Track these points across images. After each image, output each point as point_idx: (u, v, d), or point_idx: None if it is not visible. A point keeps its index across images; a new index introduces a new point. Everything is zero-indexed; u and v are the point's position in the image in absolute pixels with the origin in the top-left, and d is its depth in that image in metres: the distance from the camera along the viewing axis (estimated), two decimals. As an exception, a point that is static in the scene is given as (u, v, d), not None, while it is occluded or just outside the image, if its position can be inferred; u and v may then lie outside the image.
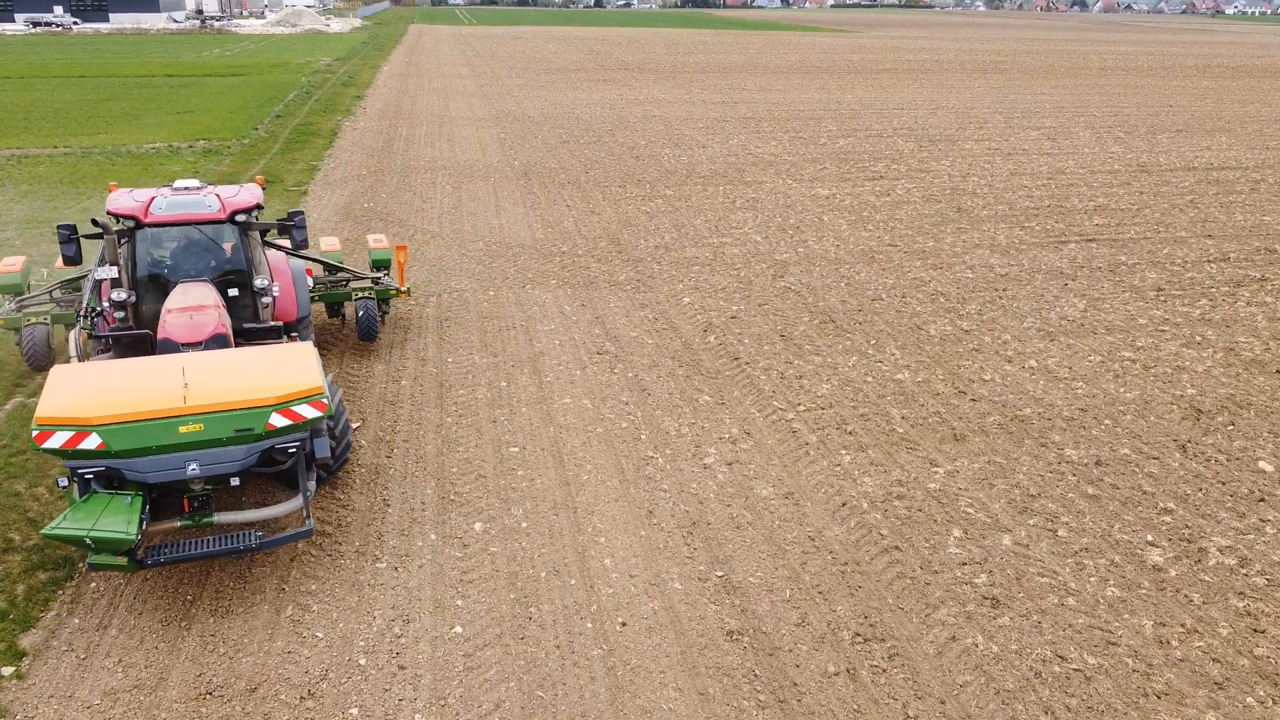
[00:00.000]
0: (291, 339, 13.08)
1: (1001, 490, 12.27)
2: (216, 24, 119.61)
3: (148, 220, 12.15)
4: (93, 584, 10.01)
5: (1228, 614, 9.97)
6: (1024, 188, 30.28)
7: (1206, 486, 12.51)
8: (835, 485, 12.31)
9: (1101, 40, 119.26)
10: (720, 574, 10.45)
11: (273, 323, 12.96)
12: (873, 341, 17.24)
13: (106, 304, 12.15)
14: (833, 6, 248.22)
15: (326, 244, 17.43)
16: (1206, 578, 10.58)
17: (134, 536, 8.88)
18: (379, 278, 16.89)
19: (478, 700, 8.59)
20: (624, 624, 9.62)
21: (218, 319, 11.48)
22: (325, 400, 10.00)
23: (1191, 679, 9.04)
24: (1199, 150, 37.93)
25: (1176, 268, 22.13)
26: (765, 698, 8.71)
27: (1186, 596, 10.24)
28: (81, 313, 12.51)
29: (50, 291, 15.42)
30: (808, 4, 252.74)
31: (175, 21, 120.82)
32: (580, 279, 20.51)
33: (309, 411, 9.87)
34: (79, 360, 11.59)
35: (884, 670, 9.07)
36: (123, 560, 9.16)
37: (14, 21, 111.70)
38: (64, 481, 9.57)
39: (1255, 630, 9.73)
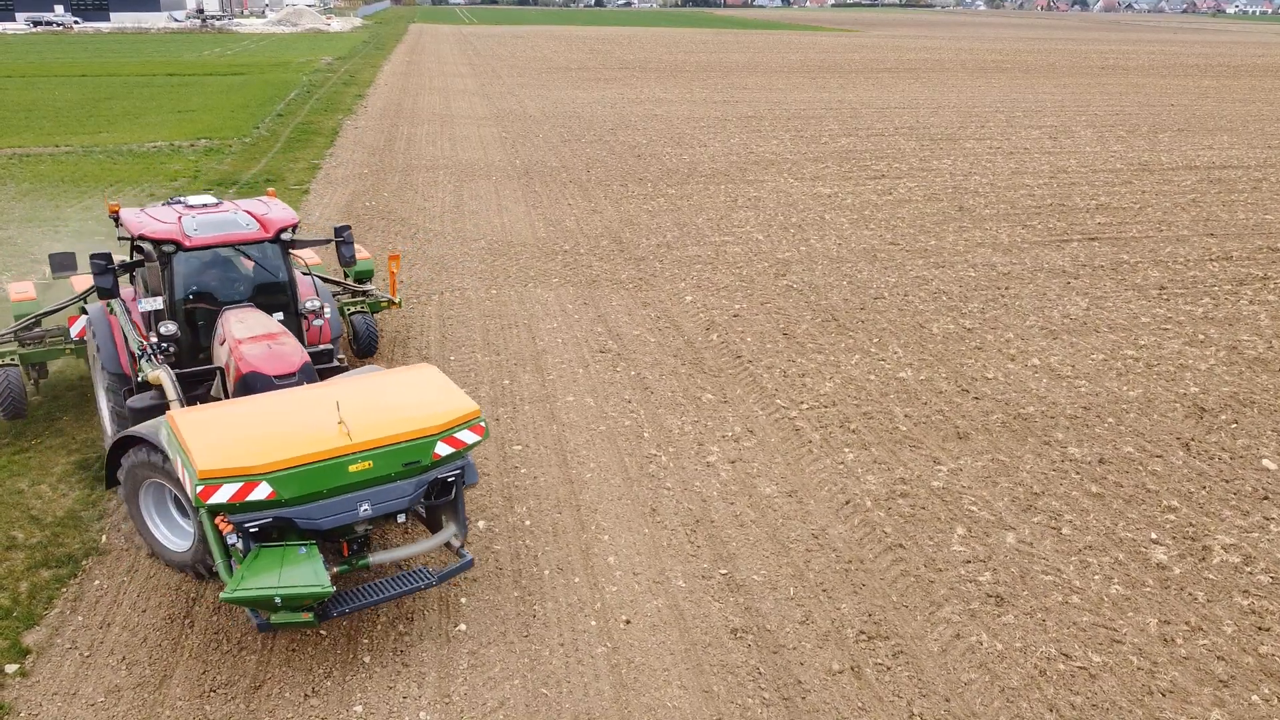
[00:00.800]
0: (339, 362, 12.11)
1: (1005, 488, 12.26)
2: (217, 23, 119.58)
3: (190, 244, 10.92)
4: (96, 582, 10.01)
5: (1232, 612, 9.96)
6: (1026, 186, 30.26)
7: (1210, 484, 12.50)
8: (838, 483, 12.30)
9: (1102, 39, 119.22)
10: (724, 572, 10.44)
11: (325, 346, 12.10)
12: (875, 340, 17.23)
13: (154, 338, 10.89)
14: (833, 6, 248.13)
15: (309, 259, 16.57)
16: (1211, 576, 10.57)
17: (331, 587, 8.24)
18: (369, 290, 16.17)
19: (482, 698, 8.58)
20: (628, 621, 9.62)
21: (299, 347, 10.63)
22: (483, 424, 9.53)
23: (1196, 677, 9.03)
24: (1201, 149, 37.91)
25: (1179, 266, 22.11)
26: (769, 695, 8.70)
27: (1191, 594, 10.23)
28: (144, 350, 10.92)
29: (15, 331, 13.51)
30: (808, 3, 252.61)
31: (176, 21, 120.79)
32: (582, 277, 20.50)
33: (469, 437, 9.37)
34: (180, 402, 10.08)
35: (888, 668, 9.07)
36: (308, 616, 8.42)
37: (15, 21, 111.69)
38: (234, 539, 8.46)
39: (1260, 628, 9.72)
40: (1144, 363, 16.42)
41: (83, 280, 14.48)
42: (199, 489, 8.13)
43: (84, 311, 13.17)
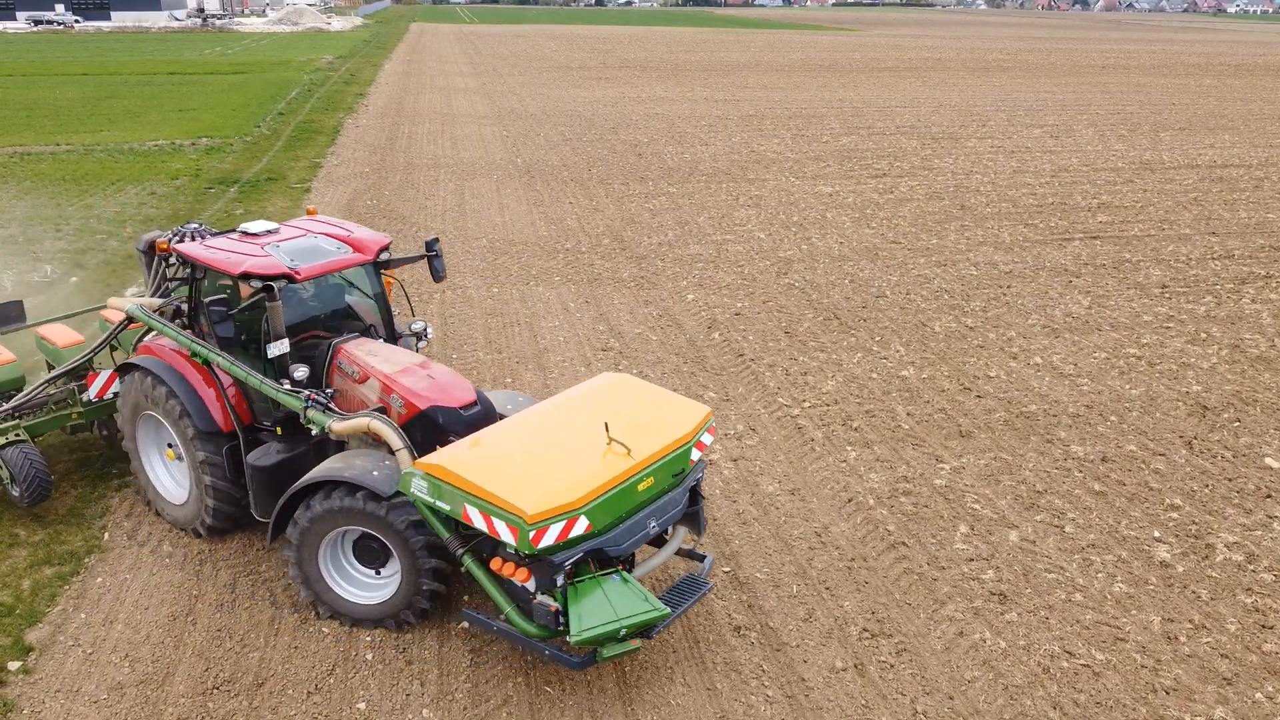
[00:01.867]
0: None
1: (1008, 486, 12.25)
2: (218, 22, 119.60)
3: (302, 276, 9.80)
4: (98, 579, 10.00)
5: (1236, 610, 9.95)
6: (1027, 185, 30.24)
7: (1213, 483, 12.49)
8: (841, 481, 12.29)
9: (1103, 39, 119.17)
10: (727, 569, 10.43)
11: None
12: (877, 338, 17.22)
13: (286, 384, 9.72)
14: (834, 5, 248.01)
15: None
16: (1214, 574, 10.56)
17: (667, 609, 8.16)
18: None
19: (485, 695, 8.57)
20: (631, 619, 9.60)
21: (453, 370, 10.31)
22: (714, 424, 9.58)
23: (1200, 675, 9.03)
24: (1202, 148, 37.88)
25: (1181, 265, 22.10)
26: (773, 693, 8.69)
27: (1194, 592, 10.22)
28: (310, 400, 9.47)
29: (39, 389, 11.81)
30: (809, 2, 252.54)
31: (176, 20, 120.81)
32: (584, 276, 20.49)
33: (707, 438, 9.35)
34: (409, 450, 8.88)
35: (891, 666, 9.06)
36: (636, 643, 8.26)
37: (15, 20, 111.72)
38: (560, 580, 8.06)
39: (1264, 626, 9.71)
40: (1146, 361, 16.40)
41: (62, 331, 12.59)
42: (531, 534, 7.68)
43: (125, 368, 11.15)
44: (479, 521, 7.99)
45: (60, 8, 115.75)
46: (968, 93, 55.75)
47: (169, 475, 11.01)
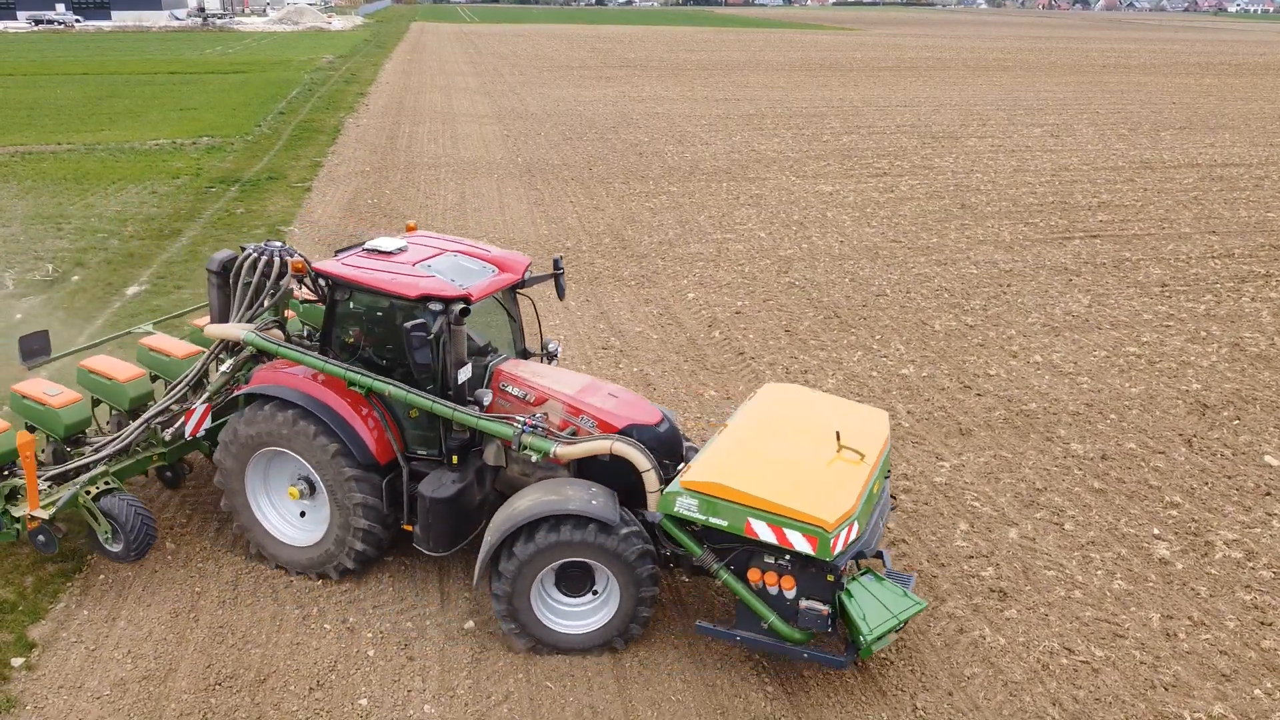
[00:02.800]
0: None
1: (1008, 484, 12.27)
2: (218, 21, 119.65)
3: (476, 298, 9.38)
4: (101, 576, 10.03)
5: (1235, 607, 9.98)
6: (1027, 184, 30.26)
7: (1212, 480, 12.52)
8: (841, 479, 12.29)
9: (1104, 38, 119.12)
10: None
11: None
12: (877, 337, 17.25)
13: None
14: (834, 4, 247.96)
15: None
16: (1213, 571, 10.59)
17: (924, 601, 8.61)
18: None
19: (486, 691, 8.60)
20: (632, 616, 9.62)
21: (622, 387, 10.25)
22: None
23: (1199, 671, 9.05)
24: (1202, 147, 37.90)
25: (1181, 263, 22.12)
26: (772, 689, 8.72)
27: (1193, 590, 10.24)
28: (530, 426, 9.18)
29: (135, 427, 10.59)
30: (809, 2, 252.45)
31: (177, 19, 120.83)
32: (585, 275, 20.52)
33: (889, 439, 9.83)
34: (655, 472, 8.92)
35: (891, 662, 9.08)
36: (894, 635, 8.55)
37: (16, 19, 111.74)
38: (831, 584, 8.27)
39: (1262, 623, 9.74)
40: (1146, 359, 16.43)
41: (110, 361, 11.36)
42: (831, 541, 7.93)
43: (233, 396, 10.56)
44: (766, 534, 8.11)
45: (61, 7, 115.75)
46: (968, 92, 55.76)
47: (282, 517, 10.11)
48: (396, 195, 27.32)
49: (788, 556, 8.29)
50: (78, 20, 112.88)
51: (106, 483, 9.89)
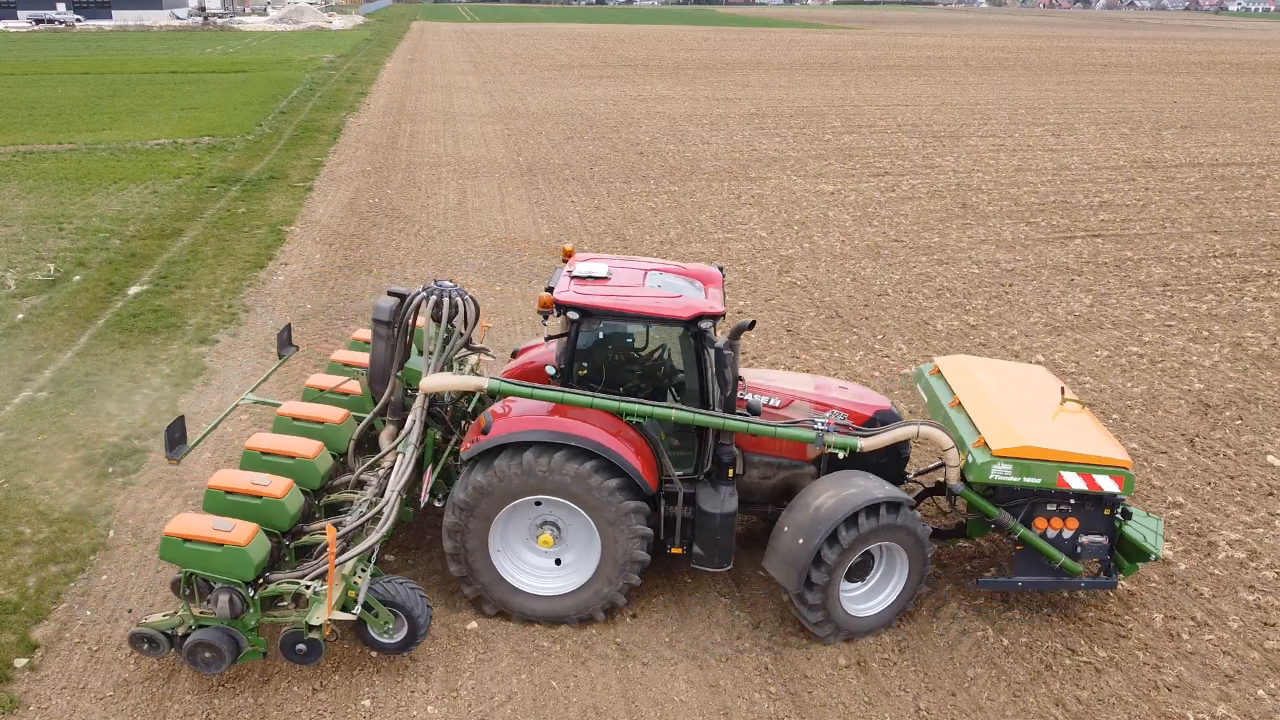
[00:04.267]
0: None
1: (1010, 484, 12.24)
2: (219, 21, 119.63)
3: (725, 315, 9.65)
4: (103, 576, 10.03)
5: (1238, 607, 9.97)
6: (1029, 183, 30.25)
7: (1215, 480, 12.51)
8: (844, 479, 12.27)
9: (1105, 37, 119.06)
10: (730, 567, 10.42)
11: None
12: (879, 336, 17.24)
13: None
14: (835, 3, 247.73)
15: None
16: (1216, 571, 10.58)
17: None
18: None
19: (489, 692, 8.60)
20: (634, 616, 9.63)
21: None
22: None
23: (1202, 672, 9.05)
24: (1204, 146, 37.88)
25: (1183, 263, 22.11)
26: (776, 690, 8.72)
27: (1196, 590, 10.24)
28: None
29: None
30: (810, 0, 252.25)
31: (178, 18, 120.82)
32: (586, 274, 20.48)
33: None
34: (954, 446, 9.66)
35: (894, 663, 9.08)
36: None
37: (17, 19, 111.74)
38: (1108, 519, 9.62)
39: (1266, 623, 9.73)
40: (1148, 359, 16.42)
41: (279, 439, 9.81)
42: (1132, 479, 9.32)
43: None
44: (1077, 482, 9.29)
45: (61, 6, 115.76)
46: (969, 91, 55.73)
47: (527, 569, 9.58)
48: (398, 195, 27.32)
49: (1071, 501, 9.45)
50: (78, 20, 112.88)
51: (363, 568, 8.78)
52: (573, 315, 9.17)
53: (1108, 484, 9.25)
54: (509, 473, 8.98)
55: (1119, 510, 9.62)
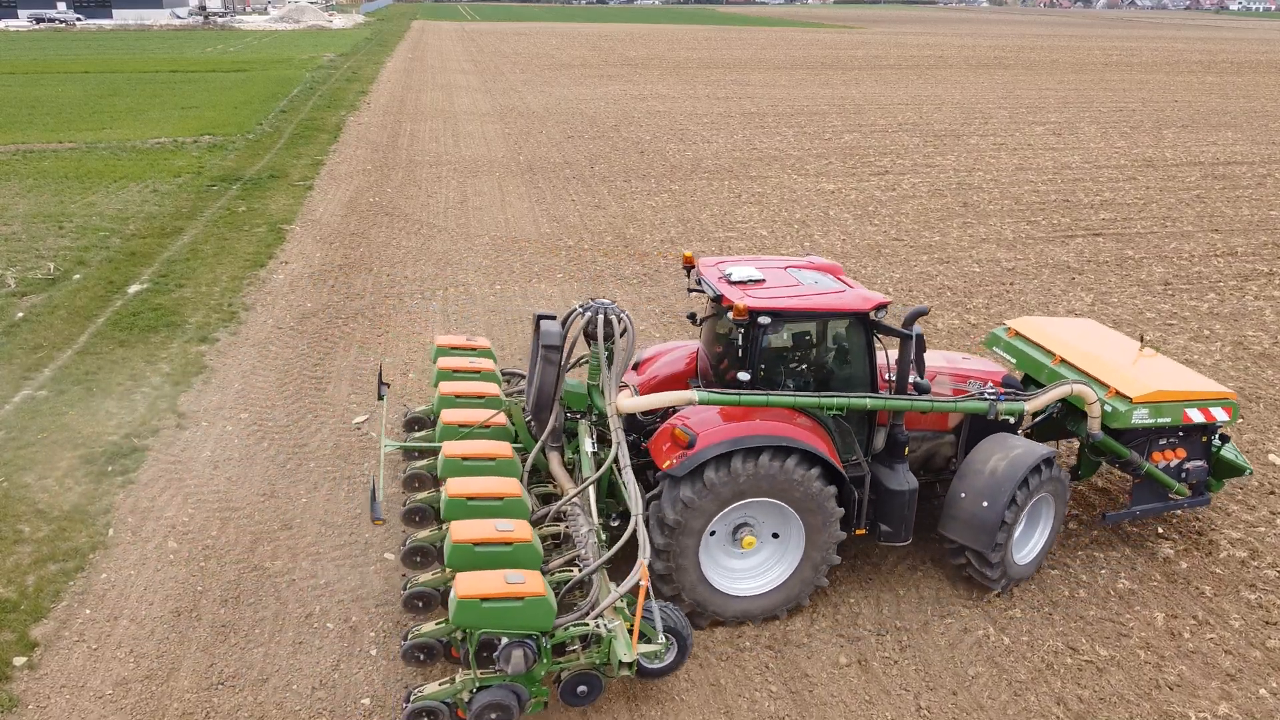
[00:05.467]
0: None
1: (1011, 483, 12.22)
2: (219, 20, 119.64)
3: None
4: (103, 575, 10.01)
5: (1239, 606, 9.95)
6: (1030, 182, 30.22)
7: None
8: (844, 478, 12.26)
9: (1105, 36, 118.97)
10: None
11: None
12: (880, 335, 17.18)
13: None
14: (835, 3, 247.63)
15: None
16: (1217, 570, 10.56)
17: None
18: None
19: (489, 691, 8.57)
20: (635, 615, 9.60)
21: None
22: None
23: (1204, 671, 9.03)
24: (1205, 145, 37.84)
25: (1184, 262, 22.08)
26: (777, 689, 8.69)
27: (1198, 589, 10.22)
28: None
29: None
30: (810, 0, 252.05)
31: (178, 17, 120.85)
32: (587, 273, 20.48)
33: None
34: (1098, 400, 10.43)
35: (895, 662, 9.06)
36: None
37: (17, 18, 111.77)
38: (1208, 446, 10.97)
39: (1267, 622, 9.71)
40: (1149, 358, 16.38)
41: (487, 482, 9.27)
42: (1238, 408, 10.65)
43: None
44: (1198, 416, 10.51)
45: (62, 5, 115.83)
46: (970, 90, 55.70)
47: (732, 572, 9.55)
48: (398, 194, 27.30)
49: (1180, 433, 10.67)
50: (79, 19, 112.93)
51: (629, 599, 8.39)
52: (764, 320, 9.30)
53: (1220, 415, 10.58)
54: (719, 482, 8.96)
55: (1216, 436, 10.89)
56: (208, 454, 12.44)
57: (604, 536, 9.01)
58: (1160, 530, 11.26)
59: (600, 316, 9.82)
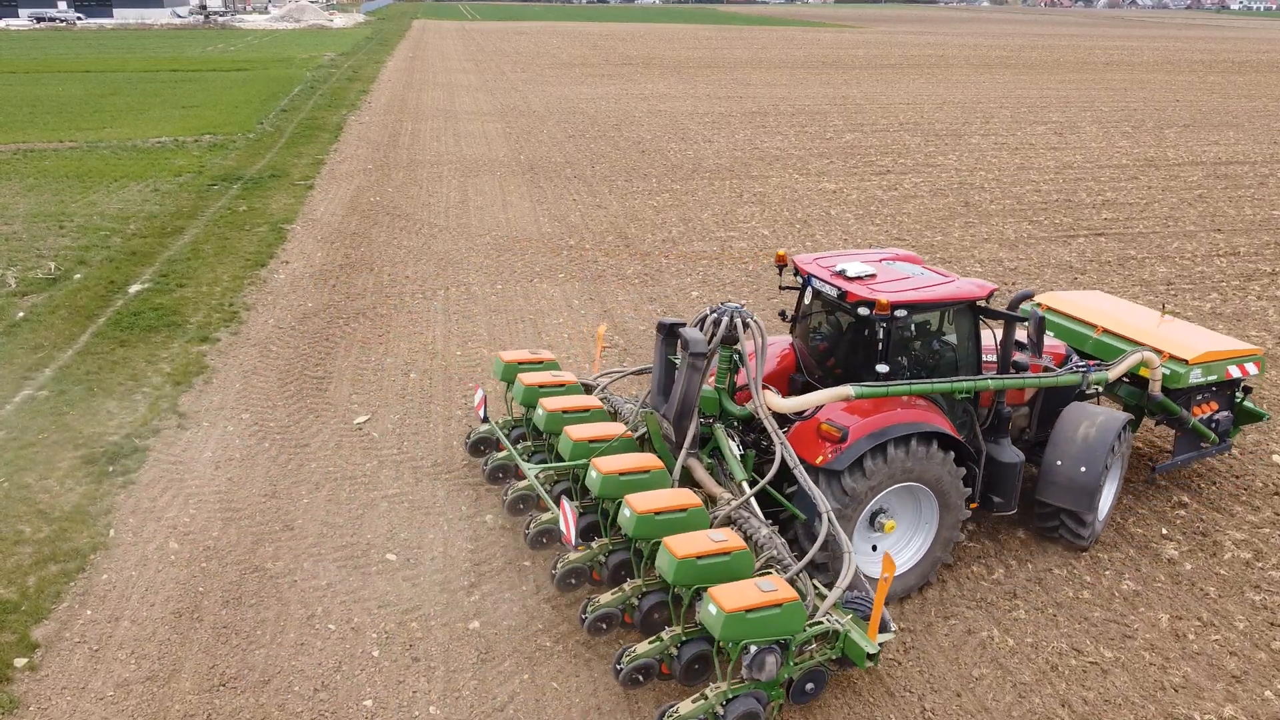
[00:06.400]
0: None
1: (1014, 484, 12.19)
2: (220, 19, 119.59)
3: None
4: (104, 576, 9.98)
5: (1244, 607, 9.92)
6: (1031, 182, 30.18)
7: (1220, 480, 12.46)
8: (847, 478, 12.22)
9: (1106, 35, 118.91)
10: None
11: None
12: (882, 335, 17.16)
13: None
14: (836, 2, 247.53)
15: None
16: (1222, 571, 10.53)
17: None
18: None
19: (492, 692, 8.55)
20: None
21: None
22: None
23: (1209, 672, 8.99)
24: (1206, 145, 37.80)
25: (1186, 261, 22.05)
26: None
27: (1202, 590, 10.19)
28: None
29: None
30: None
31: (179, 17, 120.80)
32: (588, 273, 20.46)
33: None
34: (1160, 365, 11.44)
35: (899, 663, 9.02)
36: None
37: (18, 17, 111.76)
38: (1233, 400, 12.19)
39: (1272, 624, 9.68)
40: (1152, 358, 16.35)
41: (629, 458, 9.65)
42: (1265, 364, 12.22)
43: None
44: (1235, 372, 11.71)
45: (62, 4, 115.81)
46: (971, 89, 55.65)
47: (872, 558, 9.82)
48: (399, 193, 27.27)
49: (1213, 388, 11.74)
50: (79, 18, 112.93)
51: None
52: (900, 313, 9.65)
53: (1252, 369, 11.79)
54: (876, 470, 9.36)
55: (1240, 388, 12.06)
56: (209, 454, 12.41)
57: (839, 533, 8.96)
58: (1164, 532, 11.23)
59: (739, 320, 10.00)
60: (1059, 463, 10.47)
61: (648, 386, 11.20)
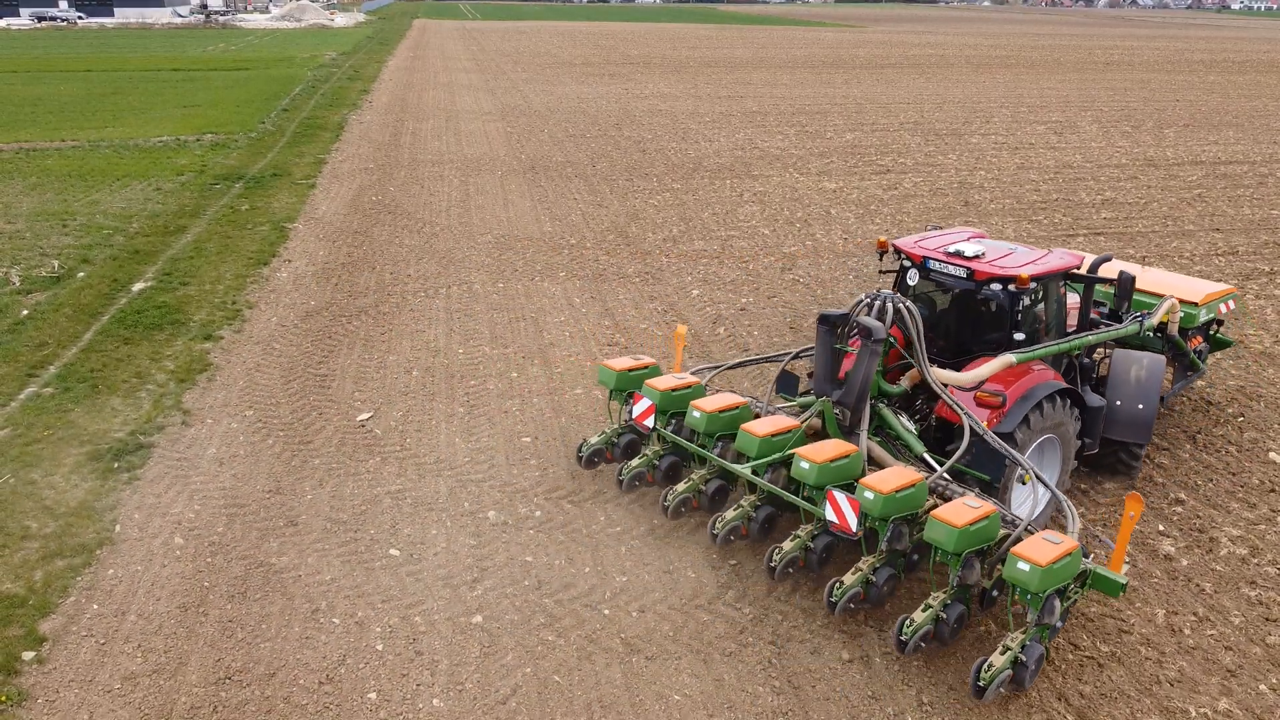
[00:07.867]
0: None
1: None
2: (221, 19, 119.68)
3: None
4: (110, 570, 10.07)
5: (1239, 603, 10.01)
6: (1031, 181, 30.25)
7: (1217, 477, 12.54)
8: (847, 475, 12.31)
9: (1107, 35, 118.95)
10: (734, 562, 10.49)
11: None
12: (882, 333, 17.24)
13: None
14: (836, 2, 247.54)
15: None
16: (1218, 567, 10.61)
17: None
18: None
19: (494, 686, 8.64)
20: (641, 610, 9.67)
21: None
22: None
23: (1204, 667, 9.08)
24: (1206, 144, 37.86)
25: (1185, 261, 22.11)
26: (779, 684, 8.75)
27: (1198, 585, 10.27)
28: None
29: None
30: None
31: (180, 16, 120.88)
32: (589, 271, 20.54)
33: None
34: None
35: (897, 657, 9.11)
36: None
37: (19, 16, 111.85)
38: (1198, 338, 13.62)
39: (1267, 619, 9.76)
40: (1150, 356, 16.43)
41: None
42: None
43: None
44: (1223, 310, 13.86)
45: (64, 4, 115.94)
46: (971, 89, 55.72)
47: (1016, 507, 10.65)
48: (400, 192, 27.37)
49: (1199, 323, 13.15)
50: (80, 17, 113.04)
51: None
52: (1034, 284, 10.95)
53: (1233, 305, 13.86)
54: (1041, 426, 10.65)
55: (1214, 322, 13.68)
56: (213, 451, 12.51)
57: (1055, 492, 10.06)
58: (1161, 528, 11.31)
59: (903, 306, 10.65)
60: (1118, 403, 11.64)
61: (745, 380, 13.49)
